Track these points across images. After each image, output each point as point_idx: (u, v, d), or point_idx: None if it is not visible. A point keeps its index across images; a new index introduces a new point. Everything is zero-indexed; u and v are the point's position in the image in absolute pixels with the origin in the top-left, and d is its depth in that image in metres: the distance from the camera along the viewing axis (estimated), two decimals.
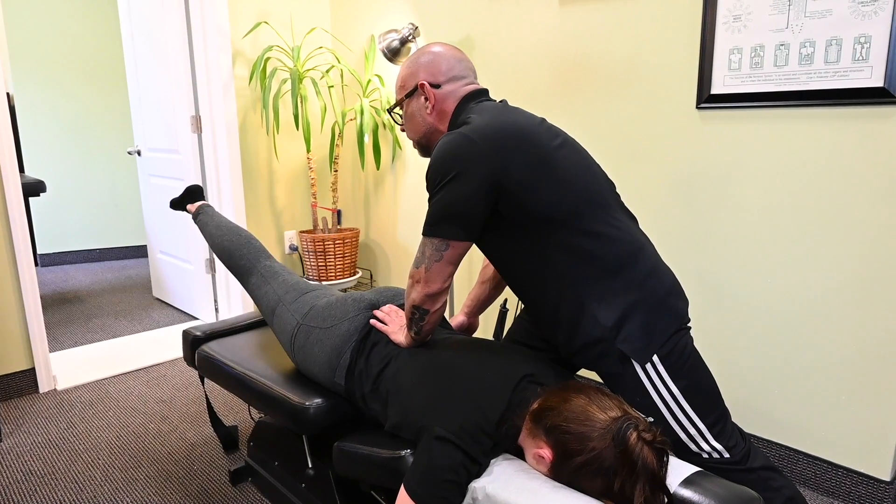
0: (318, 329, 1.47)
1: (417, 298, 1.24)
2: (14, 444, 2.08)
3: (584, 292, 1.19)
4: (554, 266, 1.19)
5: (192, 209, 1.99)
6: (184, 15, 2.90)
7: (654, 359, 1.18)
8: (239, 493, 1.81)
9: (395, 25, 2.82)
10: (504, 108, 1.24)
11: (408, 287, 1.26)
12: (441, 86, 1.31)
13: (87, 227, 4.71)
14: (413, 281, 1.23)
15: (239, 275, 1.75)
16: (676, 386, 1.18)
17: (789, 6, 1.66)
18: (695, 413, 1.20)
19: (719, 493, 0.98)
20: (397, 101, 1.39)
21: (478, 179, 1.13)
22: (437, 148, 1.18)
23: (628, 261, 1.20)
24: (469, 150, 1.14)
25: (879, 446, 1.69)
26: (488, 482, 1.04)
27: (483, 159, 1.13)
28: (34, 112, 4.36)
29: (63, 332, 3.20)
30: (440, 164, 1.16)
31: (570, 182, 1.18)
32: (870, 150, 1.59)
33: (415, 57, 1.35)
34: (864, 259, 1.64)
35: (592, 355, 1.21)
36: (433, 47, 1.35)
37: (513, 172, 1.14)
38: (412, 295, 1.25)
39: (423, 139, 1.37)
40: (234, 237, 1.79)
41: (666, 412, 1.20)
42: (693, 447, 1.21)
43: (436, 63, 1.32)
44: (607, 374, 1.22)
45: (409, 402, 1.19)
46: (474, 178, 1.13)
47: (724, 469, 1.22)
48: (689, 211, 1.96)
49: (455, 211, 1.15)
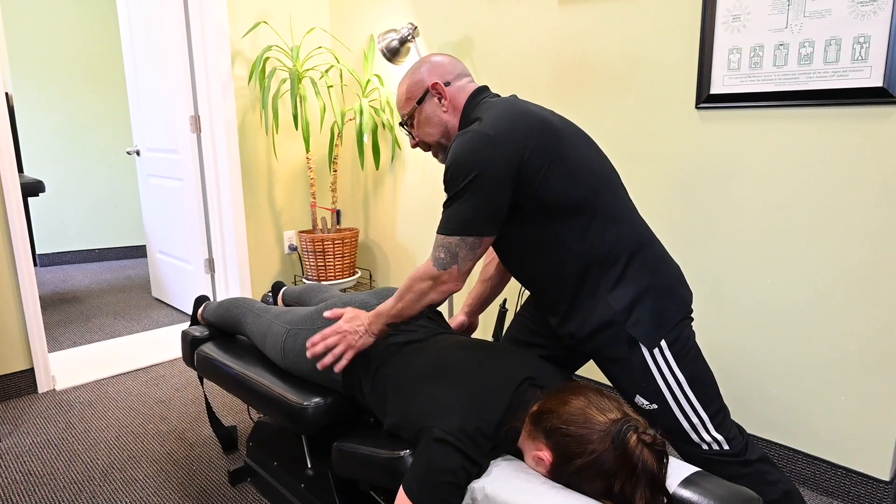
0: (306, 330, 1.48)
1: (438, 298, 1.24)
2: (13, 445, 2.08)
3: (600, 277, 1.21)
4: (570, 252, 1.21)
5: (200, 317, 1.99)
6: (183, 14, 2.90)
7: (661, 344, 1.20)
8: (238, 494, 1.81)
9: (395, 25, 2.82)
10: (515, 101, 1.26)
11: (423, 289, 1.23)
12: (451, 83, 1.34)
13: (86, 227, 4.71)
14: (436, 283, 1.22)
15: (238, 322, 1.75)
16: (682, 373, 1.21)
17: (788, 6, 1.66)
18: (698, 402, 1.22)
19: (718, 494, 0.98)
20: (408, 113, 1.38)
21: (500, 173, 1.15)
22: (454, 148, 1.18)
23: (640, 247, 1.23)
24: (487, 146, 1.15)
25: (879, 446, 1.69)
26: (488, 483, 1.04)
27: (502, 153, 1.15)
28: (33, 112, 4.35)
29: (62, 333, 3.19)
30: (461, 164, 1.16)
31: (585, 168, 1.21)
32: (869, 150, 1.59)
33: (413, 69, 1.37)
34: (863, 258, 1.64)
35: (601, 340, 1.22)
36: (430, 57, 1.38)
37: (532, 161, 1.16)
38: (433, 297, 1.23)
39: (442, 139, 1.36)
40: (231, 300, 1.85)
41: (671, 399, 1.21)
42: (694, 437, 1.23)
43: (440, 65, 1.35)
44: (614, 360, 1.23)
45: (408, 403, 1.19)
46: (497, 172, 1.15)
47: (722, 461, 1.24)
48: (688, 211, 1.96)
49: (486, 207, 1.17)
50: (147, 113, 3.37)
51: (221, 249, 3.10)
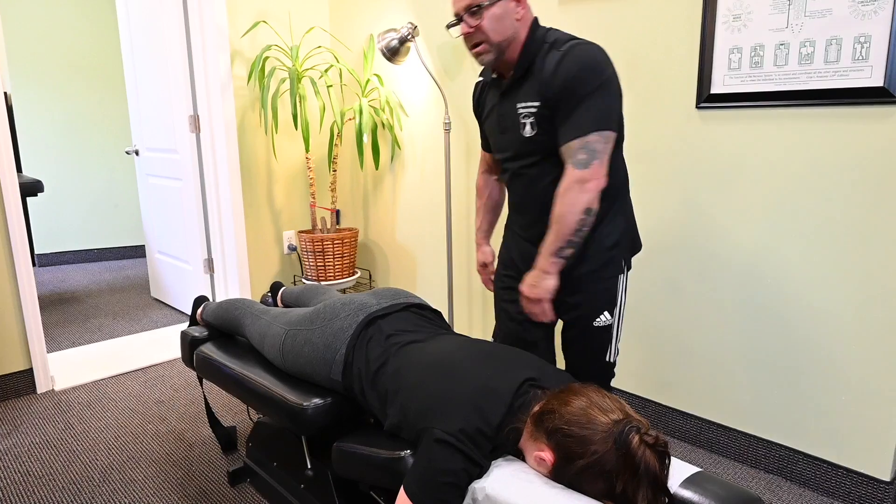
0: (305, 330, 1.47)
1: (593, 199, 1.32)
2: (12, 445, 2.07)
3: (612, 203, 1.44)
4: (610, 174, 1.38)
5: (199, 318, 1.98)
6: (182, 14, 2.89)
7: (627, 273, 1.49)
8: (237, 494, 1.80)
9: (394, 25, 2.81)
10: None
11: (574, 194, 1.31)
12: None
13: (85, 227, 4.70)
14: (584, 184, 1.31)
15: (237, 323, 1.75)
16: (625, 300, 1.52)
17: (789, 6, 1.66)
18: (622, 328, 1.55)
19: (719, 494, 0.97)
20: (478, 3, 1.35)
21: (618, 82, 1.36)
22: (585, 52, 1.32)
23: (627, 180, 1.50)
24: (608, 58, 1.34)
25: (879, 447, 1.69)
26: (489, 483, 1.04)
27: (615, 69, 1.36)
28: (32, 111, 4.34)
29: (61, 333, 3.19)
30: (597, 65, 1.31)
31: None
32: (870, 150, 1.59)
33: None
34: (863, 258, 1.64)
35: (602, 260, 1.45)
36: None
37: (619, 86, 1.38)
38: (584, 199, 1.31)
39: (504, 43, 1.39)
40: (230, 301, 1.85)
41: (618, 321, 1.50)
42: (610, 357, 1.52)
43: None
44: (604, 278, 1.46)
45: (409, 403, 1.19)
46: (618, 80, 1.35)
47: (611, 374, 1.57)
48: (688, 210, 1.96)
49: (616, 106, 1.35)
50: (146, 113, 3.36)
51: (221, 249, 3.09)
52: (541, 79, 1.36)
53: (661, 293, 2.07)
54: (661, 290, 2.07)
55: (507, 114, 1.46)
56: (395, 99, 2.92)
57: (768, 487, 1.84)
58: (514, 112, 1.44)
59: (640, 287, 2.11)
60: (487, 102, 1.56)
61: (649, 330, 2.11)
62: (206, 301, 2.03)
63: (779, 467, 1.89)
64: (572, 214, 1.31)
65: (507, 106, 1.46)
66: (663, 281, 2.06)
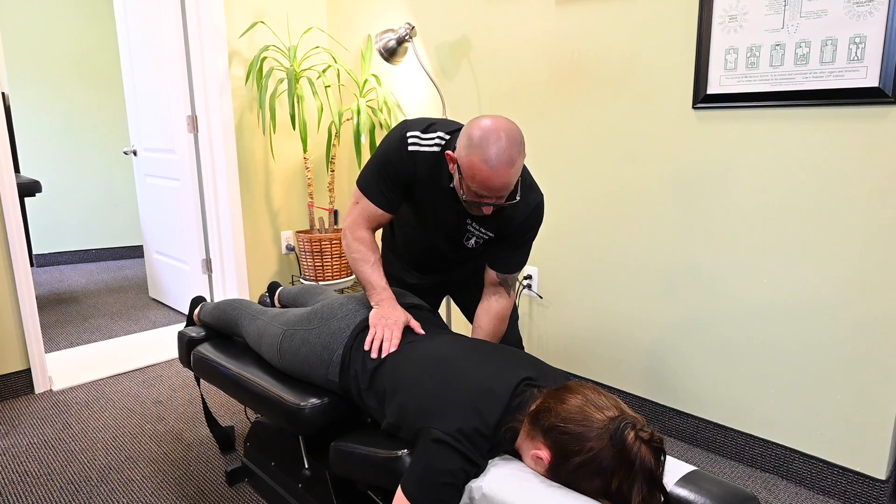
0: (302, 330, 1.47)
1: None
2: (10, 445, 2.07)
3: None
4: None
5: (196, 318, 1.98)
6: (180, 14, 2.89)
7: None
8: (235, 494, 1.81)
9: (392, 25, 2.81)
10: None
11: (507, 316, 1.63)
12: None
13: (83, 228, 4.70)
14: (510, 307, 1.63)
15: (234, 323, 1.75)
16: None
17: (785, 6, 1.66)
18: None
19: (715, 492, 0.98)
20: (515, 183, 1.34)
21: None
22: (542, 208, 1.49)
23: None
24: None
25: (875, 445, 1.69)
26: (486, 482, 1.04)
27: None
28: (29, 111, 4.34)
29: (59, 333, 3.19)
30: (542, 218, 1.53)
31: None
32: (865, 150, 1.60)
33: (511, 142, 1.27)
34: (860, 258, 1.65)
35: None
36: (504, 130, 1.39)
37: None
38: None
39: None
40: (227, 301, 1.85)
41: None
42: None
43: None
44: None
45: (406, 403, 1.19)
46: None
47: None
48: (685, 211, 1.97)
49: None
50: (144, 113, 3.36)
51: (219, 250, 3.09)
52: (505, 219, 1.47)
53: (658, 293, 2.07)
54: (659, 290, 2.07)
55: (454, 221, 1.50)
56: (393, 99, 2.92)
57: (765, 486, 1.85)
58: (462, 225, 1.50)
59: (639, 287, 2.12)
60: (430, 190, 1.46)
61: (648, 330, 2.12)
62: (203, 301, 2.03)
63: (775, 466, 1.90)
64: (503, 332, 1.62)
65: (458, 216, 1.47)
66: (661, 281, 2.06)
